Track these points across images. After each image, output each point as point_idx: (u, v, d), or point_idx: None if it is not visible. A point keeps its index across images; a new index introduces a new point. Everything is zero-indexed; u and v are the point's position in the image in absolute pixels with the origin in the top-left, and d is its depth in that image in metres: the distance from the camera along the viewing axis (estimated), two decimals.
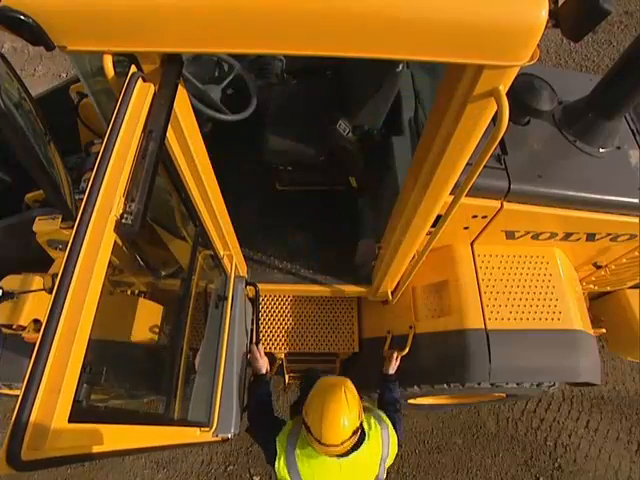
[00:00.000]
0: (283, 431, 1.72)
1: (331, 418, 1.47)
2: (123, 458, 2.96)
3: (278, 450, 1.68)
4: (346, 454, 1.57)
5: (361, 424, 1.56)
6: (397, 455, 3.00)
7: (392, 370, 2.06)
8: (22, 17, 0.83)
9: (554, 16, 0.88)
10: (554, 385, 2.13)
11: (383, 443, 1.70)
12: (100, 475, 2.94)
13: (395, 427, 1.79)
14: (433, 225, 1.59)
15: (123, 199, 0.87)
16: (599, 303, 2.84)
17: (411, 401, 2.63)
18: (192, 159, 1.37)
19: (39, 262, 2.02)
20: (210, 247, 1.88)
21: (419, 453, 2.98)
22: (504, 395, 2.45)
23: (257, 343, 2.29)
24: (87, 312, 0.76)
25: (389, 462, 1.75)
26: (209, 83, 2.04)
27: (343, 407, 1.48)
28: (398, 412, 1.91)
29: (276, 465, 1.69)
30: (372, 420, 1.73)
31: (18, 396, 0.67)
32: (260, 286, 2.36)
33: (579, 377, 1.95)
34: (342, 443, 1.49)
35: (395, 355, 2.07)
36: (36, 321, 1.91)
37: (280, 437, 1.70)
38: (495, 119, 1.02)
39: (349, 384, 1.58)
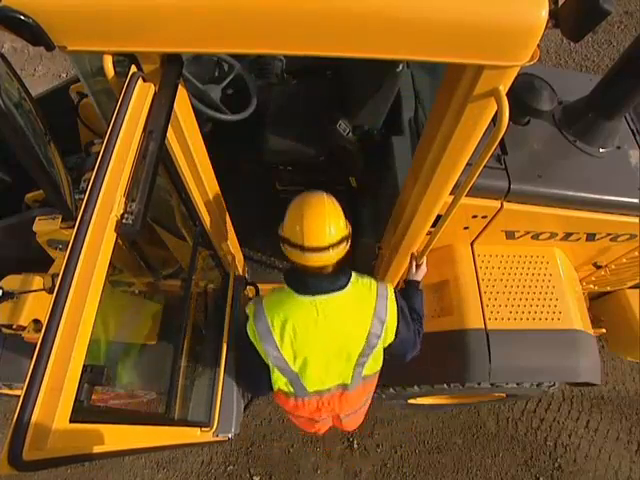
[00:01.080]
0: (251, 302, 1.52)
1: (314, 217, 1.30)
2: (123, 458, 2.95)
3: (248, 315, 1.46)
4: (324, 290, 1.35)
5: (348, 244, 1.36)
6: (397, 455, 2.98)
7: (414, 276, 1.77)
8: (22, 17, 0.84)
9: (554, 16, 0.87)
10: (554, 385, 2.14)
11: (378, 296, 1.42)
12: (100, 475, 2.94)
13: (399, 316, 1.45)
14: (433, 225, 1.59)
15: (124, 199, 0.87)
16: (599, 303, 2.83)
17: (411, 401, 2.63)
18: (192, 159, 1.37)
19: (39, 262, 2.02)
20: (210, 247, 1.88)
21: (419, 453, 2.98)
22: (504, 395, 2.45)
23: None
24: (88, 312, 0.76)
25: (388, 328, 1.43)
26: (209, 83, 2.04)
27: (328, 209, 1.32)
28: (414, 321, 1.58)
29: (248, 331, 1.46)
30: (365, 277, 1.48)
31: (19, 396, 0.67)
32: (260, 286, 2.36)
33: (579, 377, 1.95)
34: (329, 247, 1.30)
35: (414, 262, 1.78)
36: (36, 321, 1.91)
37: (249, 305, 1.50)
38: (495, 119, 1.02)
39: (331, 196, 1.39)
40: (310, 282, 1.38)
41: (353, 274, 1.45)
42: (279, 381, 1.54)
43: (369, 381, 1.63)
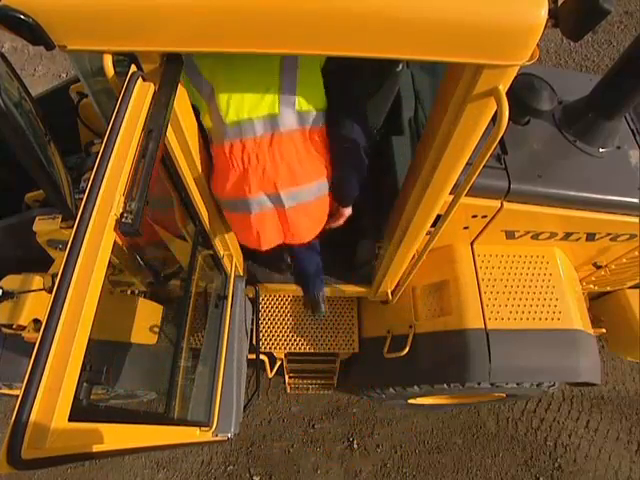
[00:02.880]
0: None
1: None
2: (123, 458, 2.96)
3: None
4: None
5: None
6: (397, 455, 2.97)
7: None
8: (22, 17, 0.84)
9: (554, 16, 0.87)
10: (554, 385, 2.14)
11: None
12: (100, 475, 2.94)
13: None
14: (433, 225, 1.59)
15: (123, 198, 0.87)
16: (599, 303, 2.83)
17: (411, 401, 2.63)
18: (192, 159, 1.37)
19: (39, 262, 2.02)
20: (210, 247, 1.88)
21: (419, 453, 2.98)
22: (504, 395, 2.45)
23: (257, 343, 2.28)
24: (87, 311, 0.76)
25: None
26: None
27: None
28: None
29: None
30: None
31: (18, 395, 0.67)
32: (260, 286, 2.35)
33: (579, 377, 1.95)
34: None
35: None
36: (36, 321, 1.91)
37: None
38: (495, 119, 1.02)
39: None
40: None
41: None
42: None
43: (308, 124, 1.30)
